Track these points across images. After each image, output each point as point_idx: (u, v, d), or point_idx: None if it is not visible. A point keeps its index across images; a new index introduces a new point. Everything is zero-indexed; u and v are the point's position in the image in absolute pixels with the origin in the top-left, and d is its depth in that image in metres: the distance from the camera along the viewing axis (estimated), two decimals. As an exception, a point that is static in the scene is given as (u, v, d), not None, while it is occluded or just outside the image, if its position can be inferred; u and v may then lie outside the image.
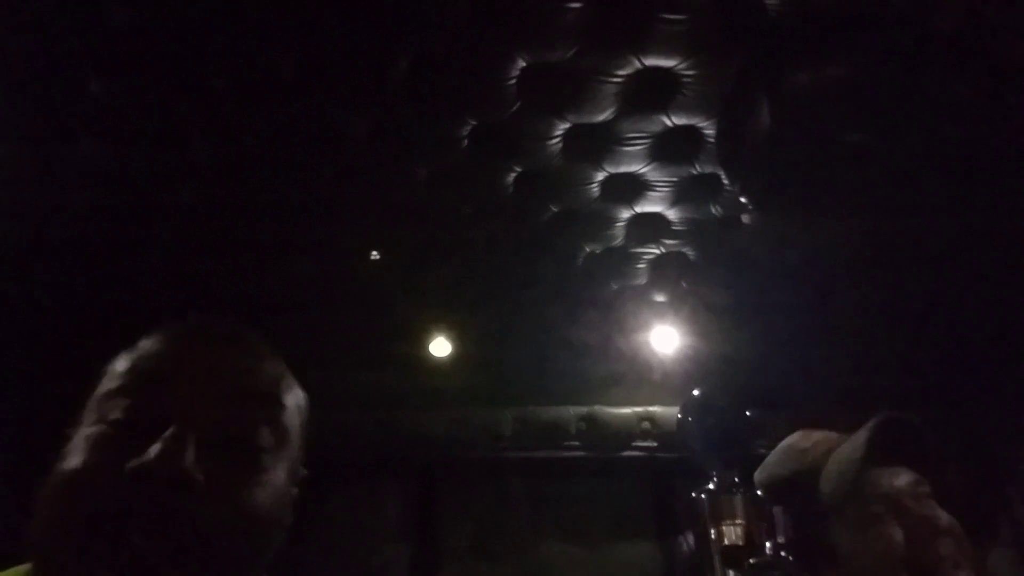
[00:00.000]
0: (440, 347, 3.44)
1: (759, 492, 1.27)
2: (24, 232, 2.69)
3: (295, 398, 0.71)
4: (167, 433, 0.58)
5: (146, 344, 0.68)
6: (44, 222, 2.65)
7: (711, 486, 1.96)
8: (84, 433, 0.62)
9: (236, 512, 0.60)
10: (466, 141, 2.37)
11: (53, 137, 2.28)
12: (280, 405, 0.67)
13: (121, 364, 0.67)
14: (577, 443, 3.68)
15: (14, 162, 2.36)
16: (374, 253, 2.98)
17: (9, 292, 2.94)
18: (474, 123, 2.32)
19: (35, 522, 0.60)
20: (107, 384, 0.66)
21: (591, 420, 3.68)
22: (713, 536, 1.93)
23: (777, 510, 1.36)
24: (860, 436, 1.16)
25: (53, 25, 1.94)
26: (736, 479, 1.99)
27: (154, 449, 0.57)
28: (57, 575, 0.57)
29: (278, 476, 0.65)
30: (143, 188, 2.52)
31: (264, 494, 0.62)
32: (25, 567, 0.69)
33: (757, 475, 1.26)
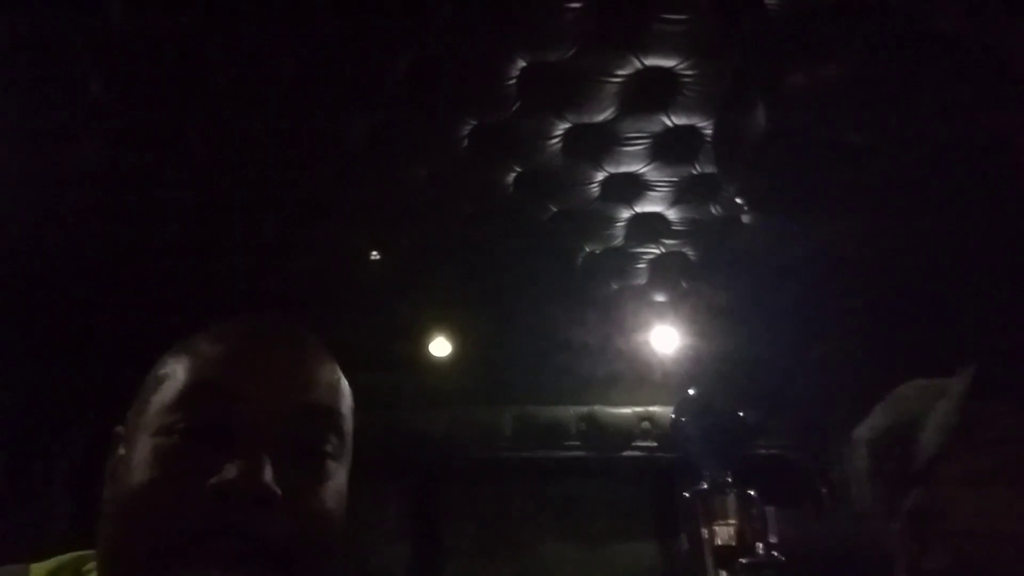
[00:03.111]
0: (440, 347, 3.44)
1: (861, 450, 1.06)
2: (24, 232, 2.69)
3: (349, 403, 0.73)
4: (243, 448, 0.59)
5: (205, 347, 0.67)
6: (44, 222, 2.65)
7: (704, 486, 1.96)
8: (150, 444, 0.62)
9: (312, 522, 0.61)
10: (466, 141, 2.37)
11: (53, 137, 2.28)
12: (340, 415, 0.69)
13: (179, 367, 0.66)
14: (577, 443, 3.68)
15: (14, 162, 2.37)
16: (374, 253, 2.98)
17: (9, 292, 2.94)
18: (474, 123, 2.32)
19: (108, 536, 0.61)
20: (167, 390, 0.65)
21: (591, 420, 3.68)
22: (705, 536, 1.93)
23: (769, 510, 1.31)
24: (967, 372, 0.99)
25: (53, 25, 1.94)
26: (729, 479, 1.99)
27: (233, 467, 0.58)
28: None
29: (340, 480, 0.67)
30: (143, 188, 2.52)
31: (332, 500, 0.64)
32: (81, 554, 0.71)
33: (856, 432, 1.07)
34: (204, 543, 0.56)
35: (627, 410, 3.70)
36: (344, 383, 0.73)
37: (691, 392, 2.19)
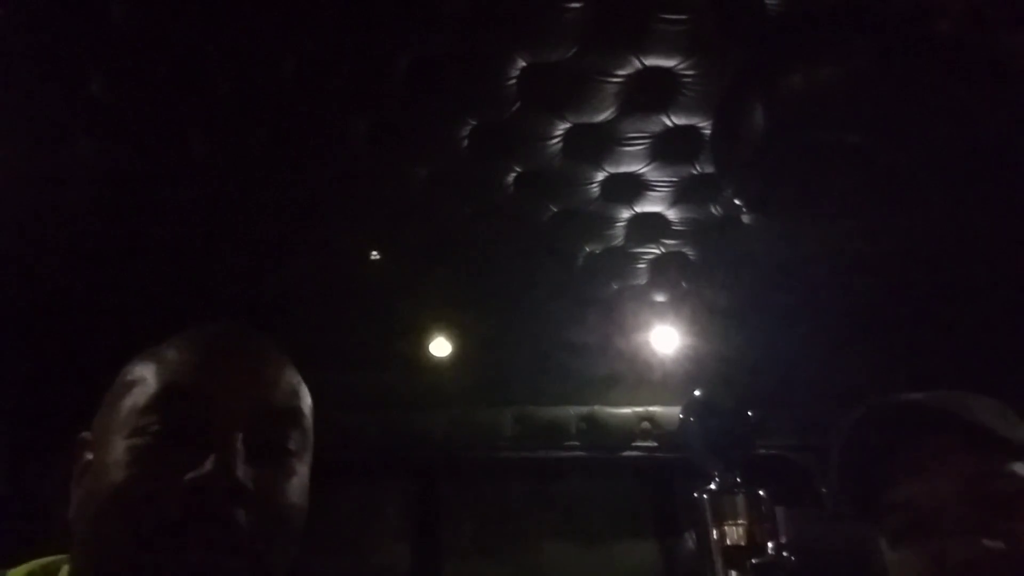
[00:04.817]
0: (440, 347, 3.44)
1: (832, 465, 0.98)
2: (24, 232, 2.69)
3: (308, 403, 0.79)
4: (217, 447, 0.66)
5: (173, 354, 0.74)
6: (44, 222, 2.65)
7: (712, 486, 1.95)
8: (124, 444, 0.68)
9: (278, 513, 0.68)
10: (466, 141, 2.37)
11: (53, 137, 2.28)
12: (301, 414, 0.76)
13: (149, 373, 0.72)
14: (577, 443, 3.68)
15: (14, 162, 2.36)
16: (374, 253, 2.98)
17: (9, 292, 2.94)
18: (474, 123, 2.32)
19: (88, 533, 0.66)
20: (139, 395, 0.70)
21: (591, 420, 3.68)
22: (715, 536, 1.92)
23: (779, 510, 1.30)
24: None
25: (53, 25, 1.94)
26: (738, 479, 1.99)
27: (210, 462, 0.64)
28: None
29: (303, 474, 0.74)
30: (143, 188, 2.52)
31: (295, 493, 0.71)
32: (55, 558, 0.74)
33: (831, 440, 0.99)
34: (184, 530, 0.62)
35: (627, 410, 3.70)
36: (302, 384, 0.80)
37: (697, 393, 2.18)
